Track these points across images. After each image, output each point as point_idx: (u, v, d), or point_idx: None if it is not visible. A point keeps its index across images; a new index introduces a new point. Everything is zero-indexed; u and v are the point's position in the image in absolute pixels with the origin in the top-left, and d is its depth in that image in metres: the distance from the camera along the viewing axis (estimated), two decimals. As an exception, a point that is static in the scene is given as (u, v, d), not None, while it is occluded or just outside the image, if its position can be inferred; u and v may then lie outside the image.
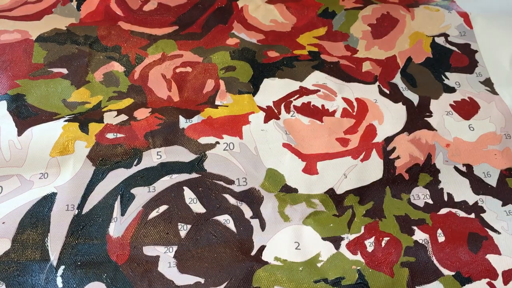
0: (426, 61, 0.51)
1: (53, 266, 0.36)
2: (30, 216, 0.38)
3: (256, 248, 0.38)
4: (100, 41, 0.50)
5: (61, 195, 0.39)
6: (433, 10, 0.56)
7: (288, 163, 0.43)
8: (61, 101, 0.46)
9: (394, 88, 0.49)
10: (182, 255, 0.37)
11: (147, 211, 0.39)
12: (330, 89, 0.48)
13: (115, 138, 0.42)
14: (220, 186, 0.41)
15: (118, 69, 0.48)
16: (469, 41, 0.53)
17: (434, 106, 0.47)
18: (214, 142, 0.43)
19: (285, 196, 0.41)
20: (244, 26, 0.54)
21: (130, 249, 0.37)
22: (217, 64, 0.49)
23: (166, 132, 0.43)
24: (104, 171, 0.41)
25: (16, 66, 0.47)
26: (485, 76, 0.50)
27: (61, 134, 0.42)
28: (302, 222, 0.40)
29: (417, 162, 0.43)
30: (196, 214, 0.39)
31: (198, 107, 0.46)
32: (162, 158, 0.42)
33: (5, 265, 0.36)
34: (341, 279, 0.37)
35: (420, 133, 0.45)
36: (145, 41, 0.51)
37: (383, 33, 0.54)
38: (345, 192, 0.41)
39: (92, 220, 0.38)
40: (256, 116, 0.45)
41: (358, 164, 0.43)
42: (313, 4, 0.56)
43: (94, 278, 0.36)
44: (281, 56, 0.51)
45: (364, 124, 0.46)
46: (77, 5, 0.54)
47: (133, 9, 0.54)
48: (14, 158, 0.40)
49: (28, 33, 0.50)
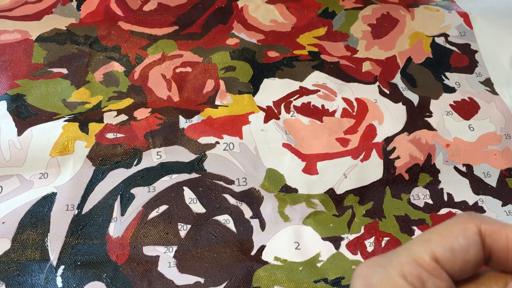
0: (426, 61, 0.51)
1: (53, 266, 0.36)
2: (30, 216, 0.38)
3: (256, 248, 0.38)
4: (100, 41, 0.50)
5: (61, 195, 0.39)
6: (433, 10, 0.56)
7: (288, 163, 0.42)
8: (61, 101, 0.45)
9: (394, 88, 0.49)
10: (182, 255, 0.37)
11: (147, 211, 0.39)
12: (330, 89, 0.48)
13: (115, 138, 0.42)
14: (220, 186, 0.41)
15: (118, 69, 0.48)
16: (469, 41, 0.53)
17: (434, 106, 0.47)
18: (214, 142, 0.43)
19: (285, 196, 0.41)
20: (244, 26, 0.54)
21: (130, 249, 0.37)
22: (217, 64, 0.49)
23: (166, 132, 0.43)
24: (104, 171, 0.41)
25: (16, 66, 0.47)
26: (485, 76, 0.50)
27: (61, 134, 0.42)
28: (302, 222, 0.40)
29: (417, 162, 0.43)
30: (196, 214, 0.39)
31: (198, 107, 0.46)
32: (162, 158, 0.42)
33: (5, 265, 0.36)
34: (341, 279, 0.37)
35: (420, 133, 0.45)
36: (145, 41, 0.51)
37: (383, 33, 0.54)
38: (345, 192, 0.41)
39: (92, 220, 0.38)
40: (256, 116, 0.45)
41: (358, 164, 0.43)
42: (313, 4, 0.56)
43: (94, 278, 0.36)
44: (281, 56, 0.51)
45: (364, 124, 0.46)
46: (77, 5, 0.54)
47: (133, 9, 0.54)
48: (14, 158, 0.40)
49: (28, 33, 0.50)
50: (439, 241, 0.18)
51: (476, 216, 0.18)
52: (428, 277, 0.17)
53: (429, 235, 0.18)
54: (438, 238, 0.18)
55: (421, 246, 0.18)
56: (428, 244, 0.18)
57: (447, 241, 0.17)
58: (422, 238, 0.18)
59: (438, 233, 0.18)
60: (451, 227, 0.18)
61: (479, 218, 0.18)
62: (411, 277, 0.17)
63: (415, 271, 0.17)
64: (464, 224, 0.18)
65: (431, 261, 0.17)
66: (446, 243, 0.17)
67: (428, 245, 0.18)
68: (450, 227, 0.18)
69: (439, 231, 0.18)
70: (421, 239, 0.18)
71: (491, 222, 0.18)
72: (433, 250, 0.17)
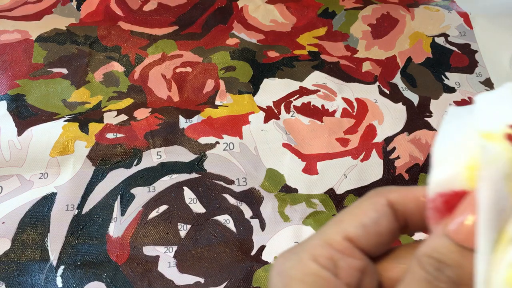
0: (426, 61, 0.51)
1: (53, 266, 0.36)
2: (30, 216, 0.38)
3: (256, 248, 0.38)
4: (100, 41, 0.50)
5: (61, 195, 0.39)
6: (433, 10, 0.56)
7: (288, 163, 0.42)
8: (61, 101, 0.45)
9: (394, 88, 0.49)
10: (182, 255, 0.37)
11: (147, 211, 0.39)
12: (330, 89, 0.48)
13: (115, 138, 0.42)
14: (220, 186, 0.41)
15: (118, 69, 0.48)
16: (469, 41, 0.53)
17: (434, 106, 0.47)
18: (214, 142, 0.43)
19: (285, 196, 0.41)
20: (244, 26, 0.54)
21: (130, 249, 0.37)
22: (217, 64, 0.49)
23: (166, 132, 0.43)
24: (104, 171, 0.41)
25: (16, 66, 0.47)
26: (485, 76, 0.50)
27: (61, 134, 0.42)
28: (302, 222, 0.40)
29: (417, 162, 0.43)
30: (196, 214, 0.39)
31: (198, 107, 0.46)
32: (162, 158, 0.42)
33: (5, 265, 0.36)
34: (341, 279, 0.37)
35: (420, 133, 0.45)
36: (145, 41, 0.51)
37: (383, 33, 0.54)
38: (345, 192, 0.41)
39: (92, 220, 0.38)
40: (256, 116, 0.45)
41: (358, 164, 0.43)
42: (313, 4, 0.56)
43: (94, 278, 0.36)
44: (281, 56, 0.51)
45: (364, 124, 0.46)
46: (77, 5, 0.54)
47: (133, 9, 0.54)
48: (14, 158, 0.40)
49: (28, 33, 0.50)
50: (350, 219, 0.17)
51: (383, 189, 0.18)
52: (340, 257, 0.17)
53: (341, 216, 0.18)
54: (349, 217, 0.18)
55: (333, 227, 0.18)
56: (340, 225, 0.18)
57: (357, 218, 0.17)
58: (335, 220, 0.18)
59: (349, 212, 0.18)
60: (361, 204, 0.18)
61: (386, 189, 0.18)
62: (322, 259, 0.17)
63: (326, 253, 0.17)
64: (372, 198, 0.18)
65: (342, 241, 0.17)
66: (356, 220, 0.17)
67: (340, 225, 0.17)
68: (359, 205, 0.18)
69: (350, 210, 0.18)
70: (334, 221, 0.18)
71: (398, 190, 0.18)
72: (345, 229, 0.17)
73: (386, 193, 0.18)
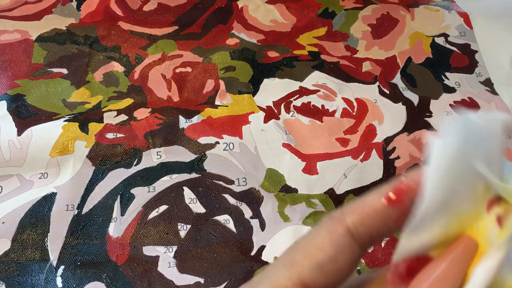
0: (426, 61, 0.51)
1: (53, 266, 0.36)
2: (30, 216, 0.38)
3: (256, 248, 0.38)
4: (100, 41, 0.50)
5: (61, 195, 0.39)
6: (433, 10, 0.56)
7: (288, 163, 0.42)
8: (61, 101, 0.45)
9: (394, 88, 0.49)
10: (182, 255, 0.37)
11: (147, 211, 0.39)
12: (330, 89, 0.48)
13: (115, 138, 0.42)
14: (220, 186, 0.41)
15: (118, 69, 0.48)
16: (469, 41, 0.53)
17: (434, 106, 0.47)
18: (214, 142, 0.43)
19: (285, 196, 0.41)
20: (244, 26, 0.54)
21: (130, 249, 0.37)
22: (217, 64, 0.49)
23: (166, 132, 0.43)
24: (104, 171, 0.41)
25: (16, 66, 0.47)
26: (485, 76, 0.50)
27: (61, 134, 0.42)
28: (302, 222, 0.40)
29: (417, 162, 0.43)
30: (196, 214, 0.39)
31: (198, 107, 0.46)
32: (162, 158, 0.42)
33: (5, 265, 0.36)
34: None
35: (420, 133, 0.45)
36: (145, 41, 0.51)
37: (383, 33, 0.54)
38: (345, 192, 0.41)
39: (92, 220, 0.38)
40: (256, 116, 0.45)
41: (358, 164, 0.43)
42: (313, 4, 0.56)
43: (94, 278, 0.36)
44: (281, 56, 0.51)
45: (364, 124, 0.46)
46: (77, 5, 0.54)
47: (133, 9, 0.54)
48: (14, 158, 0.40)
49: (28, 33, 0.50)
50: (304, 259, 0.15)
51: (338, 213, 0.16)
52: None
53: (293, 254, 0.16)
54: (302, 257, 0.15)
55: (284, 271, 0.15)
56: (292, 268, 0.15)
57: (312, 257, 0.15)
58: (284, 262, 0.16)
59: (302, 248, 0.16)
60: (315, 237, 0.16)
61: (341, 213, 0.16)
62: None
63: None
64: (328, 228, 0.16)
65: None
66: (311, 260, 0.15)
67: (292, 269, 0.15)
68: (314, 237, 0.16)
69: (303, 245, 0.16)
70: (283, 263, 0.16)
71: (354, 208, 0.16)
72: (298, 273, 0.15)
73: (342, 219, 0.16)
